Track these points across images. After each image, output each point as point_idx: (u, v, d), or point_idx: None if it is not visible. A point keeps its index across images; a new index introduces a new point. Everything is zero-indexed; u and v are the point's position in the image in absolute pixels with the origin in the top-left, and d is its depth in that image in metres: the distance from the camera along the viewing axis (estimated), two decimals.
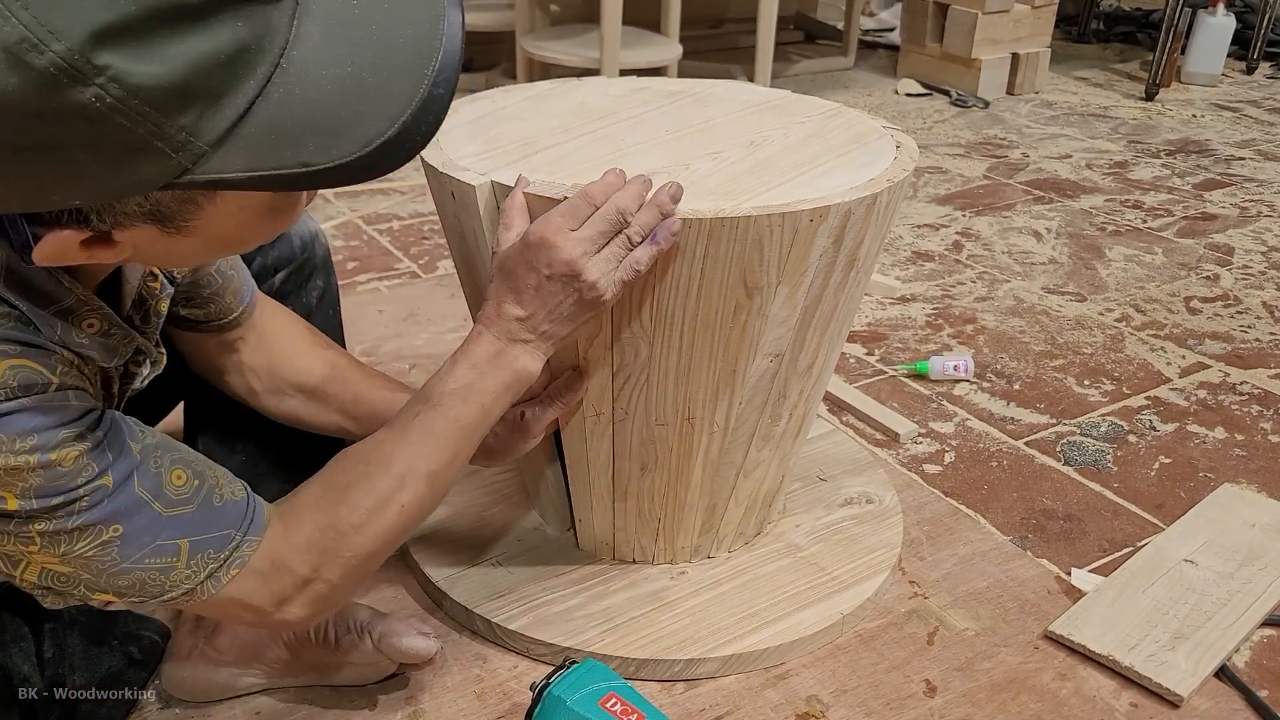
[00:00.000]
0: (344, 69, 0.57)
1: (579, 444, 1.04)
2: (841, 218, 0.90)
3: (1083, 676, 1.05)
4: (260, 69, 0.55)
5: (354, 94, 0.57)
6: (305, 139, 0.56)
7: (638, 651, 1.02)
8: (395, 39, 0.58)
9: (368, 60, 0.57)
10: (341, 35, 0.57)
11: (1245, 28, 3.89)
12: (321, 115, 0.56)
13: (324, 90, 0.56)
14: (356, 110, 0.57)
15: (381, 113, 0.57)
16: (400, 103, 0.58)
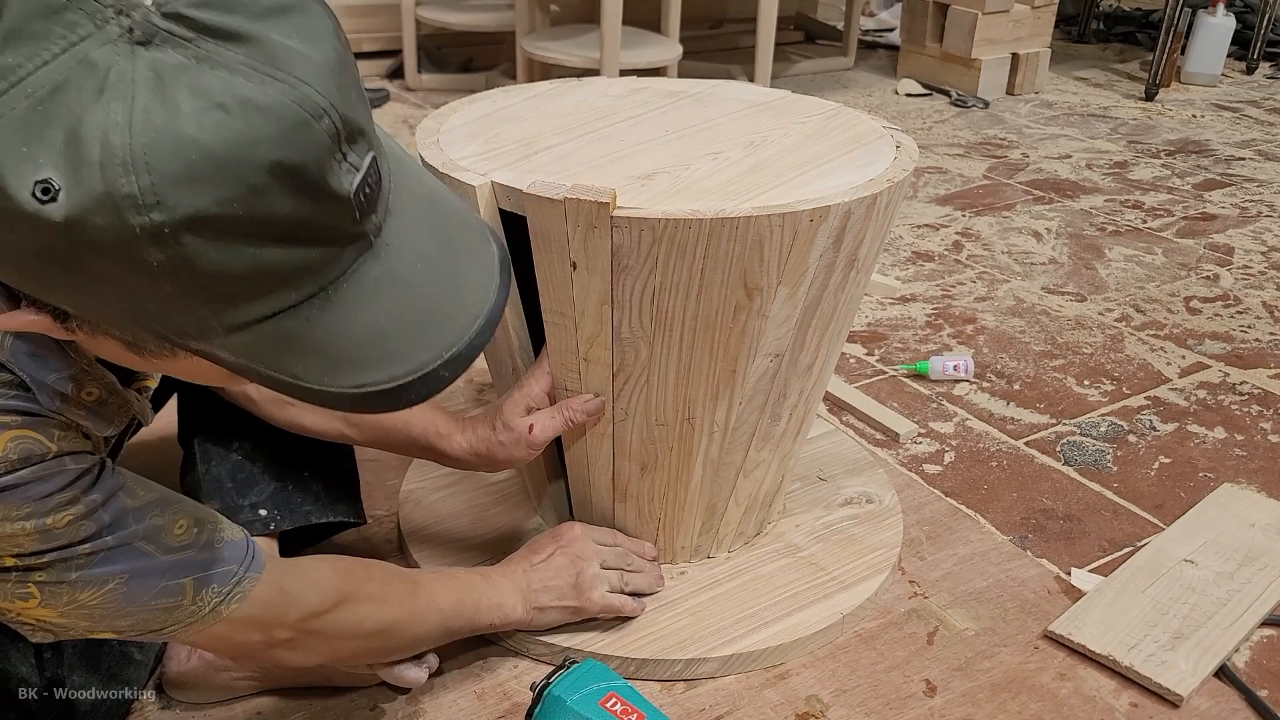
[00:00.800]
0: (378, 319, 0.59)
1: (579, 444, 1.04)
2: (842, 218, 0.90)
3: (1082, 676, 1.05)
4: (306, 288, 0.56)
5: (374, 345, 0.59)
6: (307, 360, 0.58)
7: (638, 651, 1.02)
8: (437, 311, 0.61)
9: (403, 320, 0.60)
10: (393, 289, 0.59)
11: (1245, 28, 3.89)
12: (335, 350, 0.58)
13: (351, 331, 0.58)
14: (366, 359, 0.59)
15: (385, 369, 0.59)
16: (406, 368, 0.60)
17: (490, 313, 0.63)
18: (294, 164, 0.52)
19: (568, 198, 0.85)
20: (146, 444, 1.32)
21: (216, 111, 0.50)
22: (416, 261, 0.60)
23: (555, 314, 0.94)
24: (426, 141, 1.01)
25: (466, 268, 0.64)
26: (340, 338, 0.58)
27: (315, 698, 0.98)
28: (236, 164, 0.50)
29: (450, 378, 0.61)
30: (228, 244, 0.52)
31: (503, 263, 0.66)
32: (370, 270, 0.58)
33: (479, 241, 0.66)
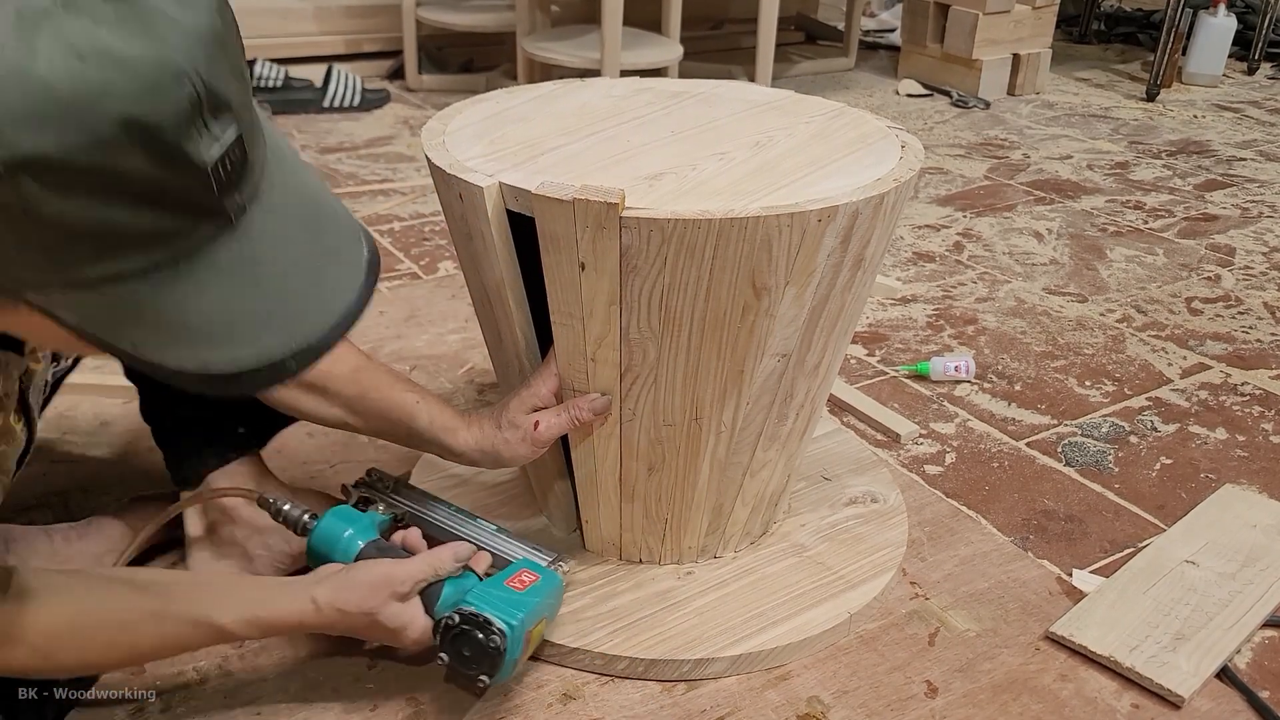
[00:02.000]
0: (226, 302, 0.58)
1: (586, 445, 1.04)
2: (849, 218, 0.90)
3: (1084, 677, 1.05)
4: (154, 255, 0.55)
5: (219, 326, 0.58)
6: (144, 332, 0.57)
7: (646, 652, 1.02)
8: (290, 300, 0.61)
9: (252, 306, 0.59)
10: (247, 273, 0.59)
11: (1246, 28, 3.89)
12: (177, 325, 0.58)
13: (197, 309, 0.58)
14: (210, 338, 0.58)
15: (227, 351, 0.59)
16: (251, 352, 0.59)
17: (349, 310, 0.63)
18: (147, 122, 0.51)
19: (576, 198, 0.85)
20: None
21: (71, 58, 0.49)
22: (278, 249, 0.60)
23: (563, 314, 0.94)
24: (432, 142, 1.01)
25: (332, 265, 0.63)
26: (186, 313, 0.57)
27: (315, 698, 0.99)
28: (84, 111, 0.49)
29: (297, 369, 0.61)
30: (68, 193, 0.51)
31: (370, 265, 0.65)
32: (227, 249, 0.57)
33: (350, 242, 0.66)
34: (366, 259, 0.65)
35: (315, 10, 3.22)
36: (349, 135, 2.77)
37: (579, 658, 1.02)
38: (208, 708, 0.97)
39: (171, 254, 0.56)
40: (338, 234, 0.65)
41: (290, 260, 0.61)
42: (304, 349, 0.61)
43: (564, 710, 0.98)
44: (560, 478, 1.14)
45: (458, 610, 0.91)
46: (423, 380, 1.56)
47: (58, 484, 1.28)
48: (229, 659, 1.02)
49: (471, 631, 0.90)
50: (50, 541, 1.07)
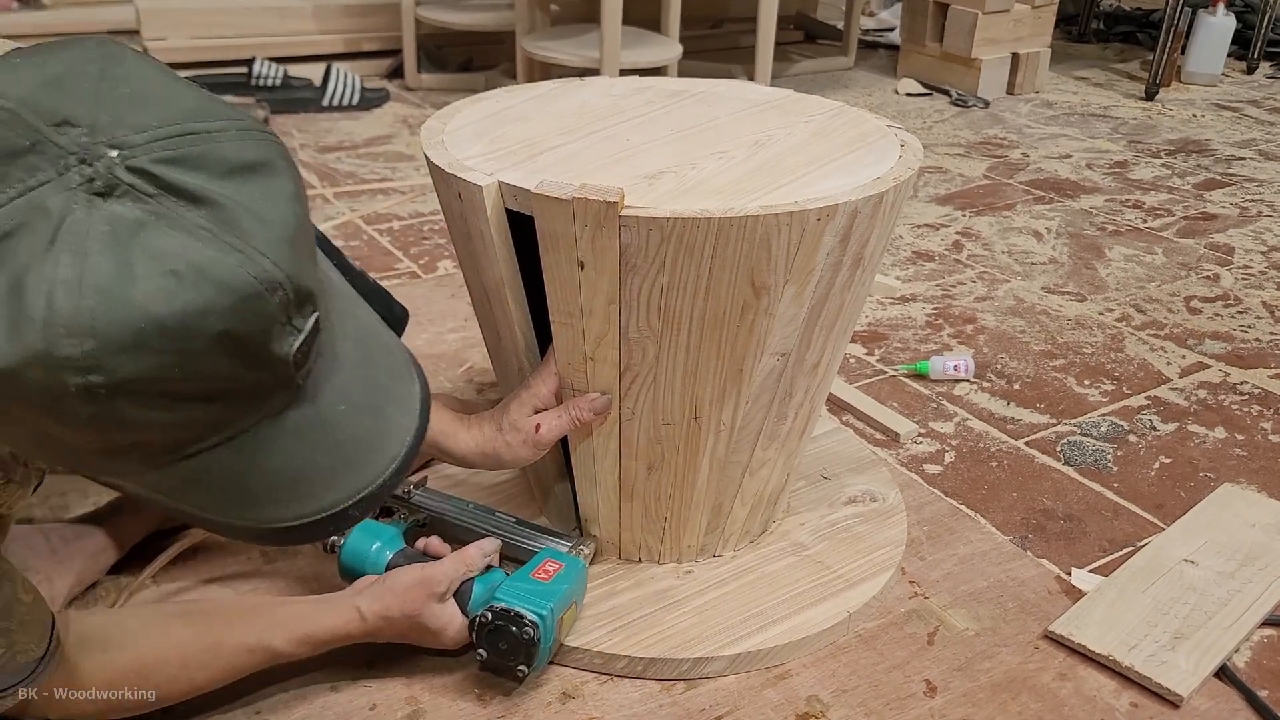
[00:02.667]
0: (294, 462, 0.59)
1: (585, 444, 1.04)
2: (849, 217, 0.90)
3: (1083, 676, 1.05)
4: (229, 430, 0.56)
5: (286, 487, 0.59)
6: (214, 494, 0.58)
7: (646, 650, 1.02)
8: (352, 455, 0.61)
9: (318, 464, 0.60)
10: (313, 435, 0.59)
11: (1245, 28, 3.89)
12: (245, 488, 0.58)
13: (264, 473, 0.58)
14: (275, 497, 0.59)
15: (293, 508, 0.60)
16: (315, 507, 0.60)
17: (406, 454, 0.63)
18: (240, 334, 0.51)
19: (575, 197, 0.85)
20: None
21: (170, 279, 0.49)
22: (340, 405, 0.60)
23: (563, 314, 0.94)
24: (431, 142, 1.01)
25: (390, 409, 0.64)
26: (252, 478, 0.58)
27: (315, 697, 0.98)
28: (183, 334, 0.49)
29: (359, 517, 0.62)
30: (157, 403, 0.51)
31: (423, 402, 0.66)
32: (293, 415, 0.58)
33: (404, 380, 0.66)
34: (419, 396, 0.66)
35: (314, 9, 3.22)
36: (348, 134, 2.77)
37: (578, 656, 1.02)
38: (208, 707, 0.97)
39: (241, 429, 0.56)
40: (392, 371, 0.65)
41: (351, 414, 0.61)
42: (364, 498, 0.62)
43: (563, 709, 0.98)
44: (559, 477, 1.14)
45: (489, 607, 0.95)
46: None
47: (58, 484, 1.28)
48: None
49: (506, 626, 0.94)
50: (48, 541, 1.07)
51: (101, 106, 0.50)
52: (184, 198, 0.50)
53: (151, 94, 0.52)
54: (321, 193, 2.34)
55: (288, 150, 0.58)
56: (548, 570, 0.99)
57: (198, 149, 0.51)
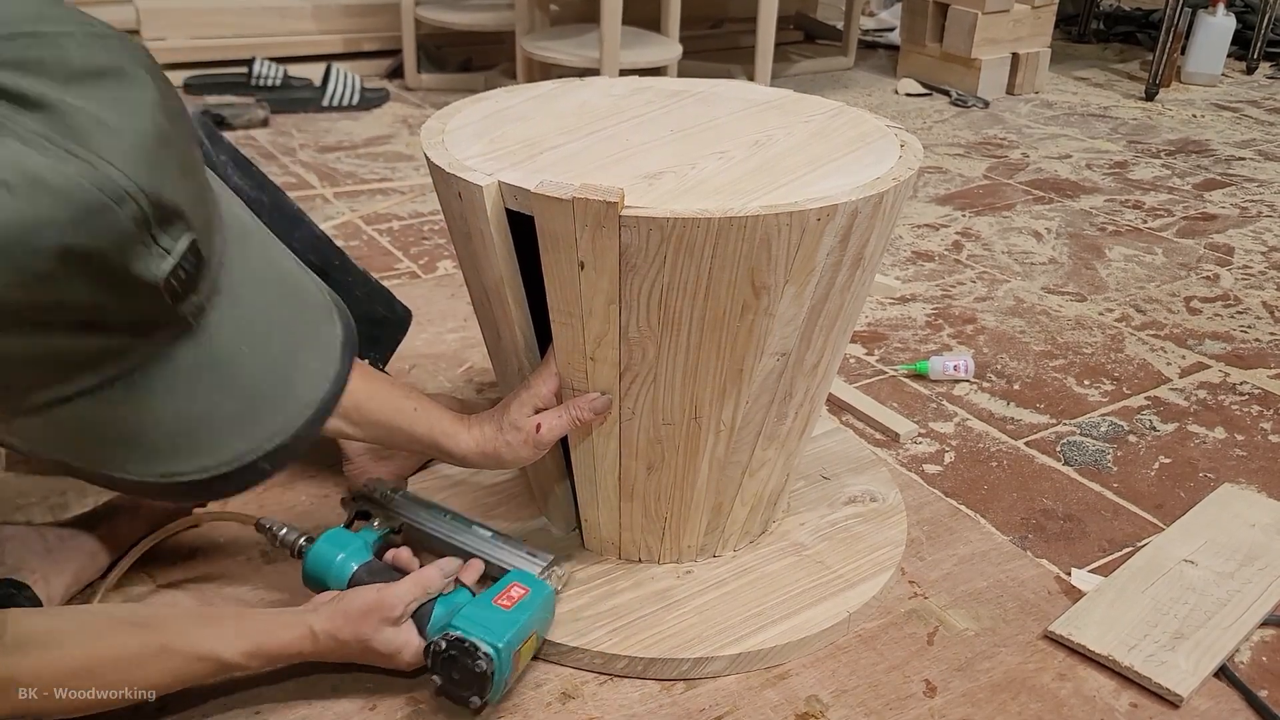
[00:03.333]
0: (191, 408, 0.55)
1: (585, 444, 1.04)
2: (849, 217, 0.90)
3: (1082, 676, 1.05)
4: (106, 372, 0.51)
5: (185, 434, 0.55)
6: (108, 447, 0.54)
7: (646, 651, 1.02)
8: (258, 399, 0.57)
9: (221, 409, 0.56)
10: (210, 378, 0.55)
11: (1245, 28, 3.90)
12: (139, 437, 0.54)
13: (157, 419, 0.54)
14: (175, 446, 0.55)
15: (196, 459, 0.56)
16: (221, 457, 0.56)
17: (323, 403, 0.59)
18: (88, 250, 0.47)
19: (576, 197, 0.85)
20: None
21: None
22: (243, 346, 0.56)
23: (563, 313, 0.94)
24: (431, 141, 1.01)
25: (303, 353, 0.59)
26: (147, 425, 0.54)
27: (314, 696, 0.98)
28: (19, 250, 0.45)
29: (271, 470, 0.58)
30: (6, 330, 0.47)
31: (346, 345, 0.62)
32: (186, 354, 0.54)
33: (323, 323, 0.61)
34: (341, 339, 0.62)
35: (314, 9, 3.22)
36: (348, 134, 2.77)
37: (578, 657, 1.02)
38: (207, 708, 0.97)
39: (124, 369, 0.52)
40: (306, 313, 0.61)
41: (257, 356, 0.57)
42: (276, 449, 0.57)
43: (563, 709, 0.98)
44: (559, 477, 1.14)
45: (444, 636, 0.93)
46: (422, 379, 1.56)
47: (57, 484, 1.28)
48: None
49: (459, 657, 0.92)
50: (44, 541, 1.07)
51: None
52: (18, 103, 0.46)
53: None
54: (321, 193, 2.33)
55: (153, 61, 0.53)
56: (511, 597, 0.97)
57: (35, 52, 0.47)
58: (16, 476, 1.28)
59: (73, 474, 0.56)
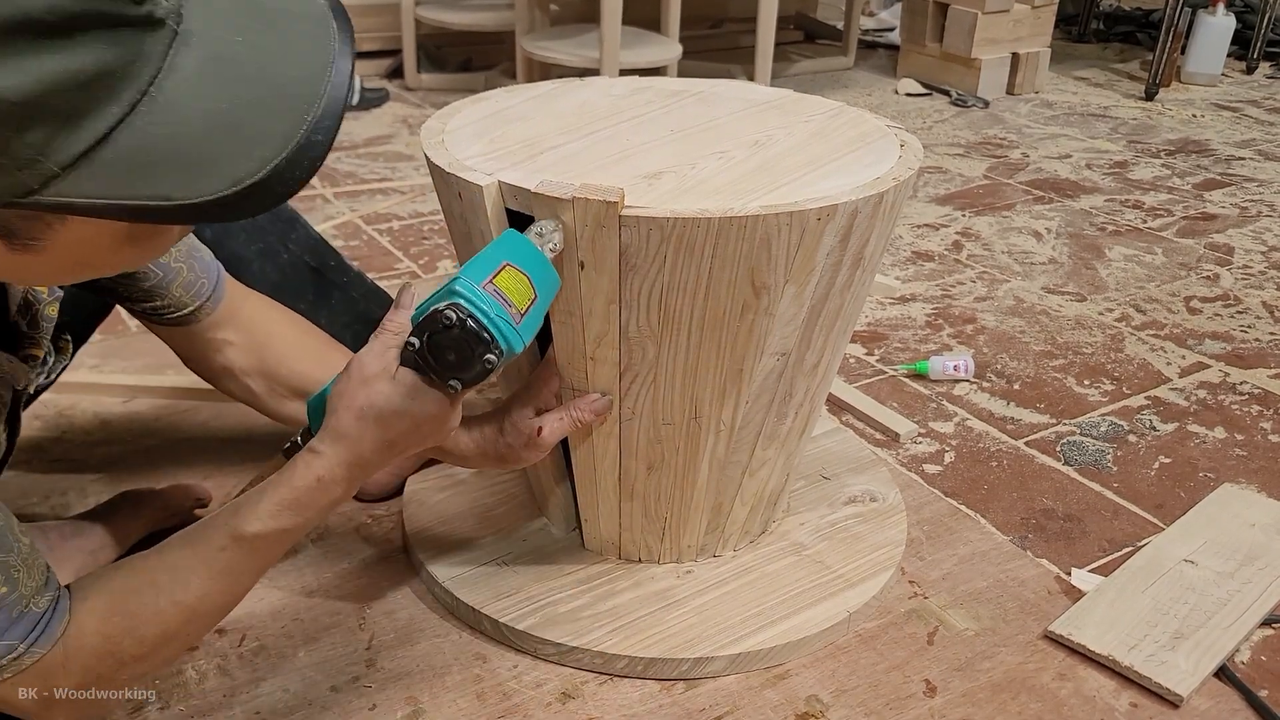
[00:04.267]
0: (218, 104, 0.55)
1: (585, 444, 1.04)
2: (849, 217, 0.90)
3: (1082, 676, 1.05)
4: (125, 95, 0.53)
5: (225, 131, 0.55)
6: (167, 172, 0.54)
7: (646, 650, 1.02)
8: (278, 80, 0.57)
9: (245, 98, 0.56)
10: (220, 70, 0.55)
11: (1245, 28, 3.90)
12: (188, 149, 0.55)
13: (193, 124, 0.55)
14: (226, 148, 0.55)
15: (253, 153, 0.56)
16: (274, 145, 0.56)
17: (339, 63, 0.58)
18: None
19: (576, 197, 0.85)
20: None
21: None
22: (236, 36, 0.56)
23: (563, 313, 0.94)
24: (431, 141, 1.01)
25: (294, 29, 0.59)
26: (188, 136, 0.54)
27: (314, 697, 0.99)
28: None
29: (326, 142, 0.57)
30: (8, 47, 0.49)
31: (336, 11, 0.60)
32: (187, 60, 0.55)
33: (315, 14, 0.60)
34: (327, 4, 0.60)
35: None
36: (348, 134, 2.77)
37: (578, 657, 1.02)
38: (207, 707, 0.97)
39: (139, 88, 0.53)
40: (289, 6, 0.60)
41: (252, 42, 0.57)
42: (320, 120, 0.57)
43: (563, 709, 0.98)
44: (559, 478, 1.14)
45: (410, 336, 0.80)
46: None
47: (59, 483, 1.28)
48: (228, 658, 1.03)
49: (428, 329, 0.79)
50: (46, 538, 1.08)
51: None
52: None
53: None
54: (321, 193, 2.34)
55: None
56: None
57: None
58: (18, 476, 1.28)
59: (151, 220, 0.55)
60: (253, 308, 1.04)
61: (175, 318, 0.98)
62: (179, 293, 0.97)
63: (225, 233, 1.16)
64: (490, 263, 0.81)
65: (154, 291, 0.96)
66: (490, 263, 0.81)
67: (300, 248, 1.24)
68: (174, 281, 0.96)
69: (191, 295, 0.98)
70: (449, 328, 0.78)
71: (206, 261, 0.99)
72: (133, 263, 0.67)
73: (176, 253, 0.96)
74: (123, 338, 1.57)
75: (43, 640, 0.74)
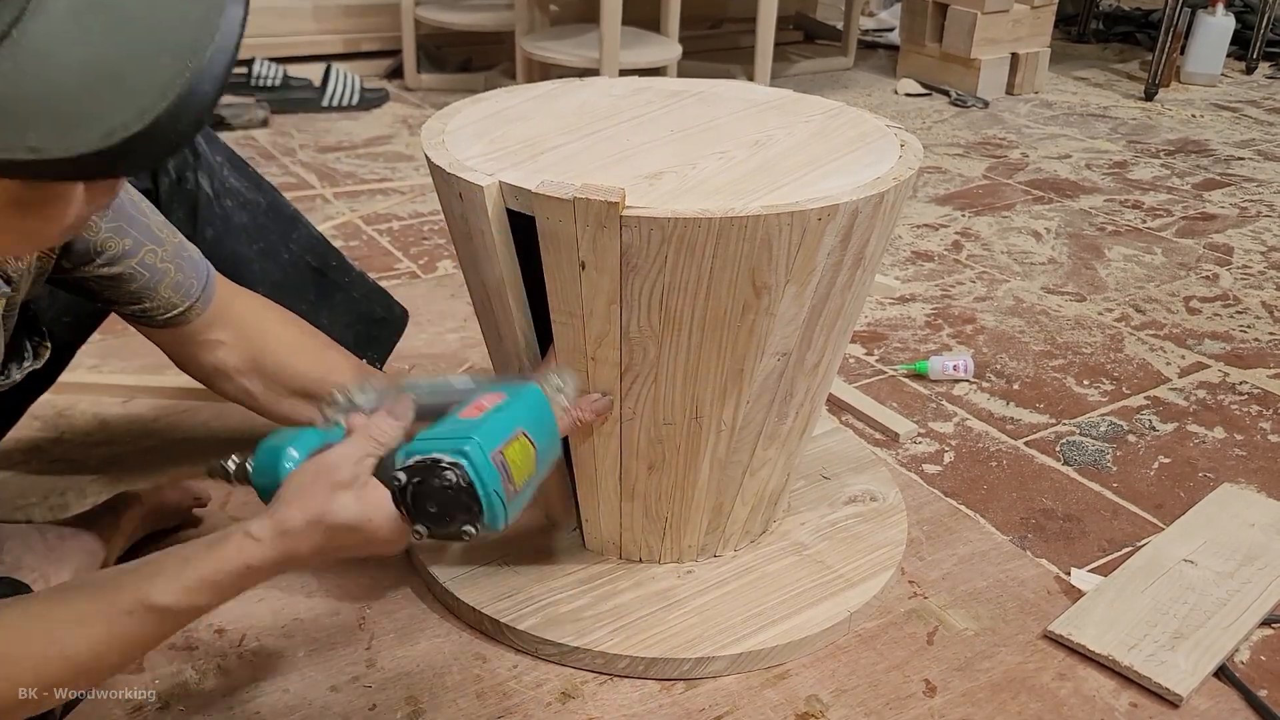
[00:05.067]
0: (91, 50, 0.51)
1: (586, 444, 1.04)
2: (849, 217, 0.90)
3: (1082, 676, 1.05)
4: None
5: (100, 79, 0.51)
6: (36, 122, 0.50)
7: (647, 650, 1.02)
8: (160, 25, 0.52)
9: (122, 44, 0.51)
10: (95, 14, 0.51)
11: (1245, 28, 3.90)
12: (58, 98, 0.50)
13: (64, 70, 0.50)
14: (101, 97, 0.51)
15: (130, 104, 0.51)
16: (154, 95, 0.51)
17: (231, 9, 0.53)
18: None
19: (577, 197, 0.85)
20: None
21: None
22: None
23: (564, 313, 0.94)
24: (432, 142, 1.01)
25: None
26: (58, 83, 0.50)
27: (315, 697, 0.99)
28: None
29: (213, 92, 0.53)
30: None
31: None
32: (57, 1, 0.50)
33: None
34: None
35: (314, 9, 3.22)
36: (348, 134, 2.77)
37: (579, 657, 1.02)
38: (207, 708, 0.97)
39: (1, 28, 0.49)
40: None
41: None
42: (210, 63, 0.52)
43: (563, 709, 0.98)
44: (560, 477, 1.14)
45: (401, 468, 0.74)
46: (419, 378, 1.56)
47: (57, 484, 1.28)
48: (228, 658, 1.03)
49: (425, 480, 0.74)
50: (44, 539, 1.07)
51: None
52: None
53: None
54: (321, 193, 2.34)
55: None
56: (481, 406, 0.78)
57: None
58: (16, 476, 1.28)
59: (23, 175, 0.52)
60: (244, 306, 1.03)
61: (166, 319, 0.97)
62: (168, 293, 0.95)
63: (226, 232, 1.16)
64: (507, 426, 0.77)
65: (141, 293, 0.94)
66: (507, 426, 0.77)
67: (301, 247, 1.24)
68: (161, 282, 0.94)
69: (181, 295, 0.96)
70: (444, 486, 0.73)
71: (195, 261, 0.98)
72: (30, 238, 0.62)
73: (163, 252, 0.94)
74: (122, 338, 1.57)
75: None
